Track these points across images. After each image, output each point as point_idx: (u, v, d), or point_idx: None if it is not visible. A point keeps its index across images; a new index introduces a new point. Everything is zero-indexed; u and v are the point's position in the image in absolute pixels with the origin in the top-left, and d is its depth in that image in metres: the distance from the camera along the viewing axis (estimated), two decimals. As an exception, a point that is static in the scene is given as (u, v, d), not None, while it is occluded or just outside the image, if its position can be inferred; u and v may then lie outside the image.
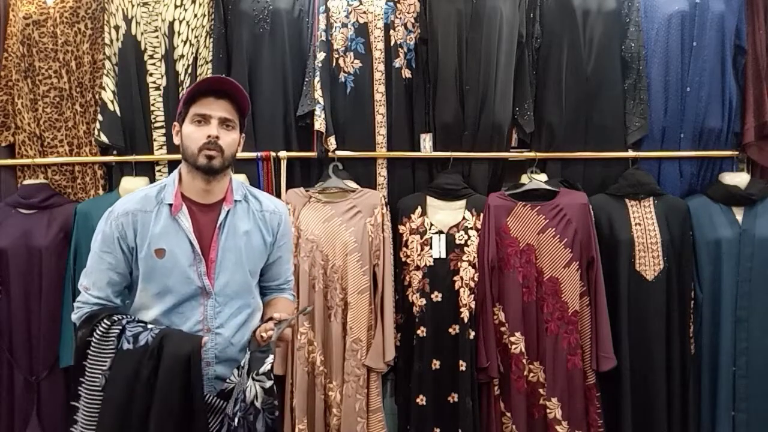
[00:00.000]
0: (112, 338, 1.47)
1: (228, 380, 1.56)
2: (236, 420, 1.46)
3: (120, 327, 1.49)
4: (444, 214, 2.46)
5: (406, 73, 2.55)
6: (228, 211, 1.63)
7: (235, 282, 1.62)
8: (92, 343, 1.48)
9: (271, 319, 1.62)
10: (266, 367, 1.49)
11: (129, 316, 1.56)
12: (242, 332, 1.63)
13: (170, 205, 1.59)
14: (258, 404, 1.48)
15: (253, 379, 1.47)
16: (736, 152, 2.62)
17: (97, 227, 1.62)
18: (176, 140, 1.62)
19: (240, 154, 2.43)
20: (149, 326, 1.52)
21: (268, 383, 1.50)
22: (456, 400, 2.38)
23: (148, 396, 1.42)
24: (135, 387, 1.43)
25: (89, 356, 1.48)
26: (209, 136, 1.55)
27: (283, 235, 1.75)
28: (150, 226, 1.57)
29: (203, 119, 1.56)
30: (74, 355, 1.52)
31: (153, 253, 1.56)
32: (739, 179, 2.52)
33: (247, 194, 1.70)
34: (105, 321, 1.49)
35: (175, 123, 1.63)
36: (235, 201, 1.65)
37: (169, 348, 1.45)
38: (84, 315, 1.56)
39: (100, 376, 1.46)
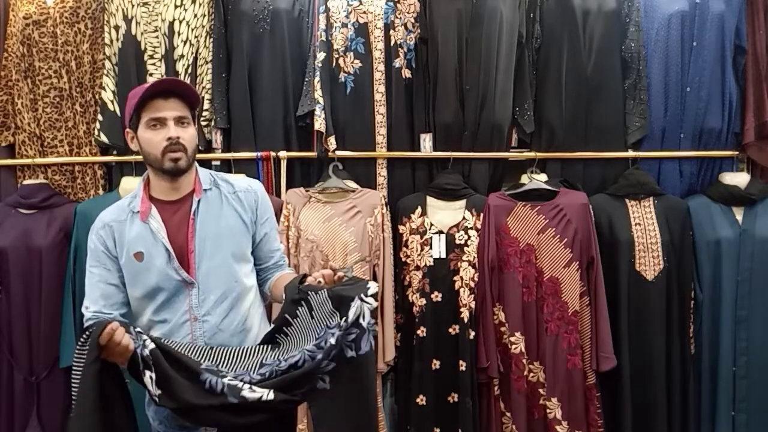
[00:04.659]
0: (86, 350, 1.43)
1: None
2: (334, 339, 1.41)
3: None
4: (444, 214, 2.46)
5: (406, 73, 2.55)
6: (199, 201, 1.64)
7: (218, 268, 1.62)
8: (74, 357, 1.47)
9: (305, 277, 1.55)
10: (373, 289, 1.44)
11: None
12: (230, 318, 1.63)
13: (139, 212, 1.61)
14: (364, 324, 1.42)
15: (361, 299, 1.42)
16: (736, 152, 2.62)
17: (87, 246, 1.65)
18: (133, 147, 1.64)
19: (240, 154, 2.48)
20: None
21: (374, 304, 1.44)
22: (456, 400, 2.38)
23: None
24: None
25: (72, 364, 1.47)
26: (170, 138, 1.56)
27: (264, 211, 1.74)
28: (126, 233, 1.61)
29: (158, 122, 1.57)
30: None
31: (132, 257, 1.59)
32: (739, 179, 2.52)
33: (215, 180, 1.71)
34: (86, 334, 1.47)
35: (128, 130, 1.63)
36: (205, 190, 1.66)
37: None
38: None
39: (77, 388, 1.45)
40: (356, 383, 1.46)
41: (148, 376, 1.40)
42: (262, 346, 1.55)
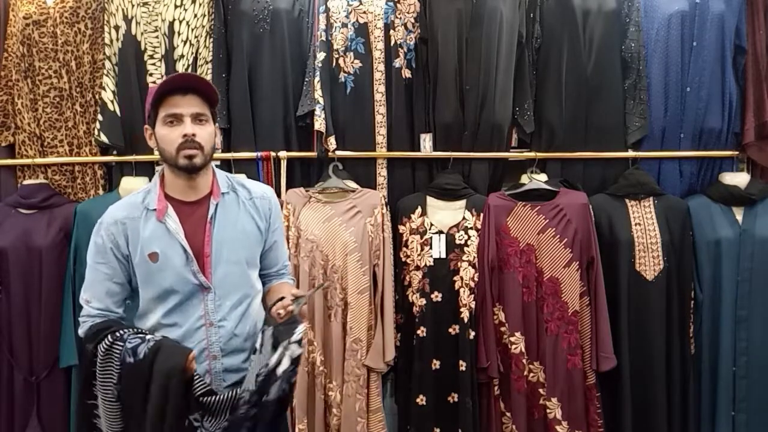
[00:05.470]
0: (116, 354, 1.48)
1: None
2: (254, 385, 1.44)
3: (122, 342, 1.49)
4: (444, 214, 2.46)
5: (406, 73, 2.55)
6: (217, 205, 1.62)
7: (233, 274, 1.62)
8: (98, 361, 1.49)
9: (281, 299, 1.58)
10: (297, 336, 1.47)
11: (129, 330, 1.54)
12: (244, 323, 1.63)
13: (155, 210, 1.59)
14: (279, 371, 1.45)
15: (284, 347, 1.44)
16: (736, 152, 2.62)
17: (90, 240, 1.62)
18: (151, 143, 1.62)
19: (240, 154, 2.48)
20: (147, 337, 1.51)
21: (298, 351, 1.47)
22: (456, 400, 2.38)
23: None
24: (147, 397, 1.45)
25: (97, 372, 1.49)
26: (185, 135, 1.53)
27: (276, 220, 1.74)
28: (140, 231, 1.58)
29: (175, 119, 1.54)
30: (81, 366, 1.54)
31: (147, 258, 1.56)
32: (739, 179, 2.52)
33: (233, 184, 1.69)
34: (108, 338, 1.50)
35: (146, 126, 1.62)
36: (223, 193, 1.65)
37: (158, 364, 1.44)
38: (89, 329, 1.56)
39: (111, 388, 1.48)
40: (266, 426, 1.49)
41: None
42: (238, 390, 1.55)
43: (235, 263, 1.62)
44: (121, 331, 1.52)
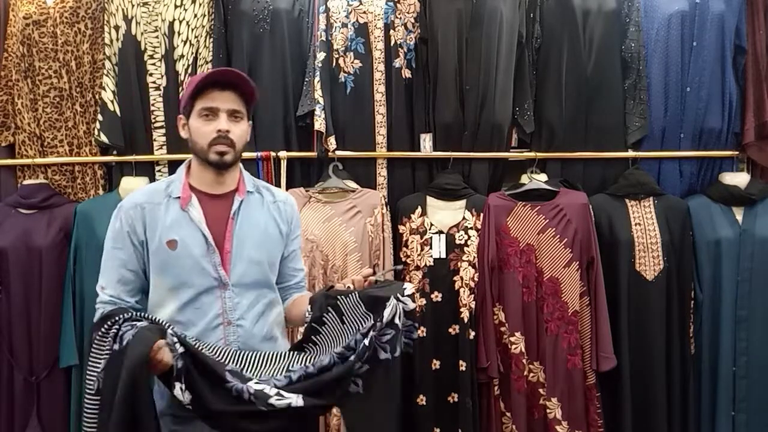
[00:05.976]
0: (108, 339, 1.40)
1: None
2: (368, 340, 1.37)
3: (117, 327, 1.41)
4: (444, 214, 2.46)
5: (406, 73, 2.55)
6: (241, 202, 1.60)
7: (253, 272, 1.59)
8: (92, 346, 1.42)
9: (332, 287, 1.55)
10: (409, 290, 1.43)
11: (128, 314, 1.46)
12: (262, 323, 1.60)
13: (179, 198, 1.56)
14: (399, 324, 1.40)
15: (398, 299, 1.39)
16: (736, 152, 2.62)
17: (109, 225, 1.58)
18: (183, 134, 1.60)
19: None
20: (138, 324, 1.41)
21: (411, 305, 1.42)
22: (456, 400, 2.38)
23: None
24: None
25: (89, 358, 1.42)
26: (219, 131, 1.52)
27: (296, 227, 1.73)
28: (160, 217, 1.54)
29: (211, 113, 1.53)
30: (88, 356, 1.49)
31: (165, 245, 1.52)
32: (739, 179, 2.52)
33: (258, 186, 1.68)
34: (108, 323, 1.43)
35: (181, 116, 1.60)
36: (248, 192, 1.63)
37: (127, 352, 1.34)
38: (98, 315, 1.51)
39: (94, 378, 1.40)
40: (387, 384, 1.42)
41: (178, 387, 1.36)
42: (290, 353, 1.52)
43: (256, 263, 1.59)
44: (120, 316, 1.43)
